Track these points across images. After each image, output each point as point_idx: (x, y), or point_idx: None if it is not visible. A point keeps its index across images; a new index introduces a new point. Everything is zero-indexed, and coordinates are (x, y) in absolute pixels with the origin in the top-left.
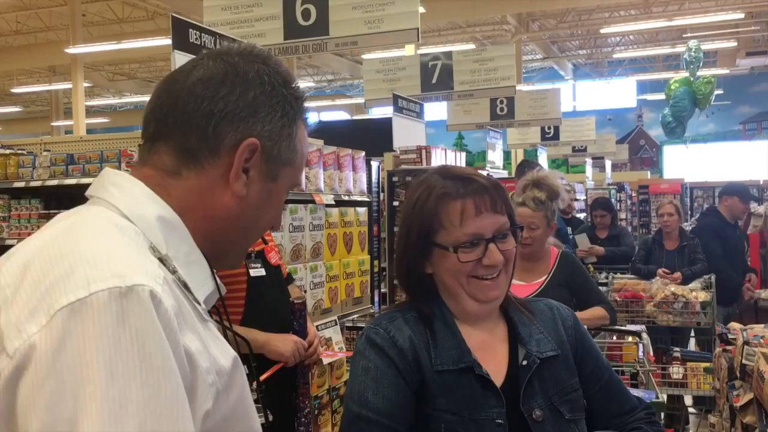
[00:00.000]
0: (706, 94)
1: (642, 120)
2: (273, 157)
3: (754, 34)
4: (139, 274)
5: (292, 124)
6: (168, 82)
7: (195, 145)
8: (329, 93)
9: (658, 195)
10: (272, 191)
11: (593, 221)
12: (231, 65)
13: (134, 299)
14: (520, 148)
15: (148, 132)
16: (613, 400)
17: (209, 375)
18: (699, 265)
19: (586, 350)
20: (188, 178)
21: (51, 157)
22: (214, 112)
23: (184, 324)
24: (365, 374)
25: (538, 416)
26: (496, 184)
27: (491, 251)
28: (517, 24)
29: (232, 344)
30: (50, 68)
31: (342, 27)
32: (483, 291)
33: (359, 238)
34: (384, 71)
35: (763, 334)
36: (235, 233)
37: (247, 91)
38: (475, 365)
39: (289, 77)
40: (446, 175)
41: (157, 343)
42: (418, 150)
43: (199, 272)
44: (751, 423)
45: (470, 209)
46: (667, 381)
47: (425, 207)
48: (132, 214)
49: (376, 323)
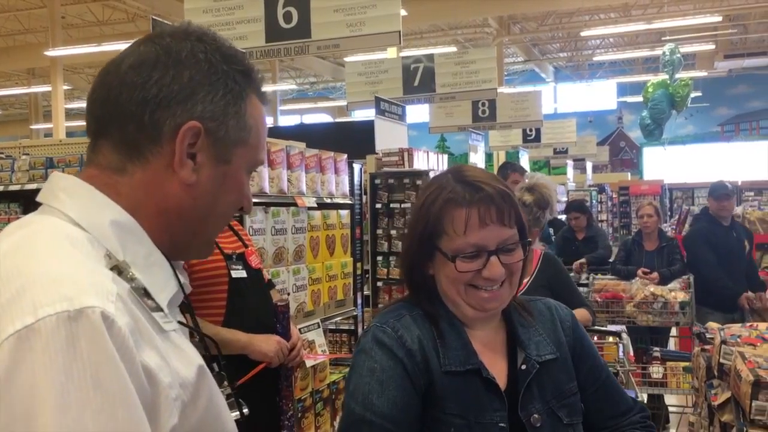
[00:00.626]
0: (683, 96)
1: (622, 122)
2: (220, 139)
3: (732, 36)
4: (88, 295)
5: (238, 100)
6: (101, 75)
7: (134, 137)
8: (312, 95)
9: (638, 196)
10: (227, 174)
11: (569, 223)
12: (162, 47)
13: (84, 323)
14: (502, 150)
15: (90, 132)
16: (609, 401)
17: (172, 389)
18: (677, 266)
19: (584, 350)
20: (134, 173)
21: (30, 160)
22: (148, 98)
23: (141, 340)
24: (371, 375)
25: (536, 420)
26: (506, 194)
27: (492, 264)
28: (499, 27)
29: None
30: (29, 71)
31: (324, 30)
32: (480, 302)
33: (342, 241)
34: (366, 74)
35: (740, 334)
36: (194, 223)
37: (181, 72)
38: (482, 368)
39: (229, 52)
40: (458, 178)
41: (110, 367)
42: (400, 152)
43: (160, 274)
44: (728, 421)
45: (474, 219)
46: (648, 380)
47: (431, 209)
48: (84, 221)
49: (383, 321)
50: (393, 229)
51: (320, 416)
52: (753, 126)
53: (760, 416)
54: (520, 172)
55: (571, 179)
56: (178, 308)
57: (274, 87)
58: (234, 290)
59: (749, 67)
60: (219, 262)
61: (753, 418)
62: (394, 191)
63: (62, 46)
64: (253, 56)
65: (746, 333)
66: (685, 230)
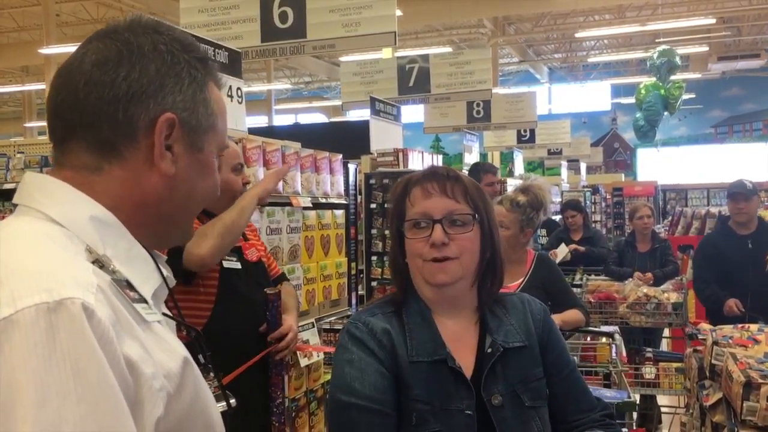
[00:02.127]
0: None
1: (616, 123)
2: (193, 127)
3: (726, 39)
4: (68, 287)
5: (203, 87)
6: (62, 76)
7: (109, 136)
8: (306, 95)
9: (632, 197)
10: (201, 161)
11: (565, 222)
12: (123, 42)
13: (64, 314)
14: (497, 151)
15: (57, 135)
16: (572, 396)
17: (155, 380)
18: (670, 267)
19: (551, 342)
20: (111, 171)
21: (25, 159)
22: (120, 96)
23: (122, 332)
24: (350, 365)
25: (498, 402)
26: (456, 175)
27: (435, 230)
28: (494, 27)
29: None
30: (23, 68)
31: (319, 30)
32: (431, 273)
33: (336, 241)
34: (361, 74)
35: (732, 335)
36: (173, 213)
37: (147, 65)
38: (448, 358)
39: (186, 40)
40: (423, 170)
41: (91, 358)
42: (395, 152)
43: (142, 267)
44: (720, 422)
45: (432, 188)
46: (640, 381)
47: (395, 195)
48: (62, 218)
49: (356, 318)
50: (387, 230)
51: (314, 416)
52: (746, 128)
53: (751, 417)
54: (492, 172)
55: (565, 180)
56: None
57: (268, 86)
58: (225, 280)
59: (742, 69)
60: None
61: (744, 418)
62: (388, 191)
63: (56, 44)
64: (248, 56)
65: (738, 334)
66: (678, 232)
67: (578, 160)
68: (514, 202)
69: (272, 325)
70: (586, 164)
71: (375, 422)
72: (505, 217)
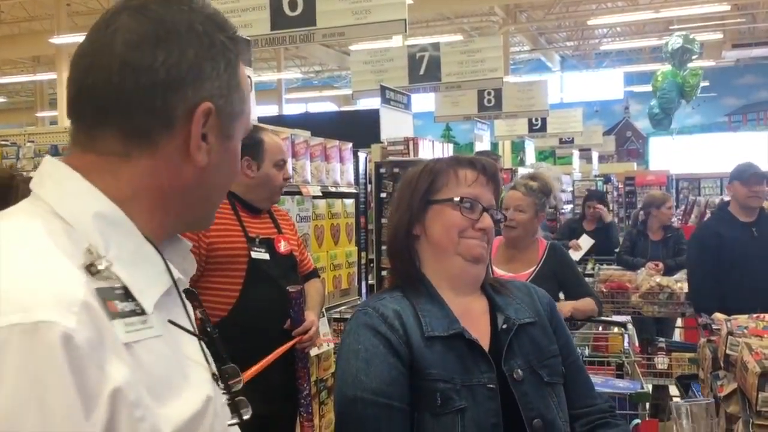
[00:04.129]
0: (693, 86)
1: (629, 112)
2: (227, 115)
3: (740, 26)
4: (46, 307)
5: (236, 70)
6: (90, 55)
7: (144, 124)
8: (317, 84)
9: (644, 186)
10: (230, 149)
11: (585, 212)
12: (157, 21)
13: (38, 339)
14: (508, 140)
15: (86, 119)
16: (577, 384)
17: (137, 409)
18: (683, 256)
19: (558, 329)
20: (140, 158)
21: (35, 147)
22: (157, 83)
23: (107, 352)
24: (355, 357)
25: (519, 376)
26: (496, 170)
27: (485, 217)
28: (505, 15)
29: None
30: (34, 58)
31: (329, 18)
32: (471, 249)
33: (346, 230)
34: (371, 62)
35: (746, 325)
36: (197, 202)
37: (185, 50)
38: (464, 331)
39: (219, 17)
40: (454, 157)
41: (61, 392)
42: (406, 141)
43: (149, 269)
44: (734, 413)
45: (482, 177)
46: (652, 371)
47: (431, 172)
48: (66, 212)
49: (365, 304)
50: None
51: (324, 405)
52: (760, 116)
53: (766, 408)
54: (495, 160)
55: (576, 169)
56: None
57: (278, 75)
58: (252, 270)
59: (757, 57)
60: (240, 244)
61: (759, 409)
62: (399, 180)
63: (67, 34)
64: (258, 44)
65: (753, 324)
66: (691, 221)
67: (590, 149)
68: (529, 187)
69: (296, 322)
70: (598, 153)
71: (382, 416)
72: (522, 200)
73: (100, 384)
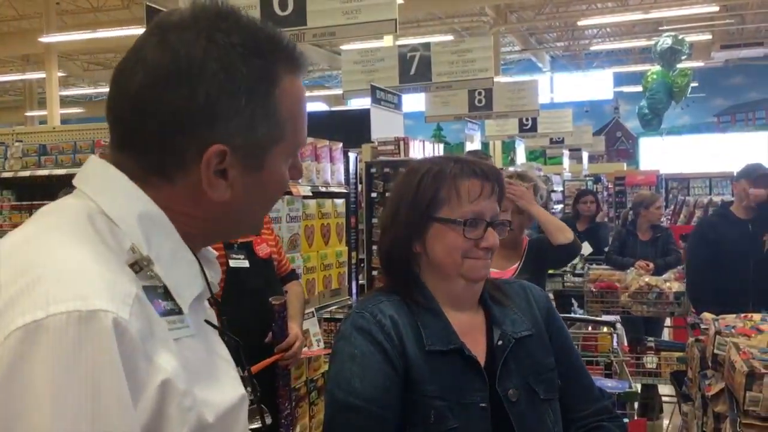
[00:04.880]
0: (682, 86)
1: (618, 112)
2: (251, 148)
3: (729, 27)
4: (103, 297)
5: (267, 98)
6: (117, 85)
7: (157, 161)
8: (307, 84)
9: (634, 186)
10: (262, 179)
11: (579, 210)
12: (174, 52)
13: (94, 326)
14: (499, 140)
15: (114, 137)
16: (578, 386)
17: (186, 398)
18: (672, 256)
19: (555, 330)
20: (161, 187)
21: (23, 147)
22: (166, 123)
23: (157, 344)
24: (351, 361)
25: (513, 395)
26: (500, 173)
27: (490, 234)
28: (495, 15)
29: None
30: (24, 57)
31: (319, 17)
32: (475, 270)
33: (337, 230)
34: (362, 62)
35: (734, 324)
36: (228, 228)
37: (195, 90)
38: (463, 347)
39: (248, 45)
40: (455, 159)
41: (113, 379)
42: (396, 141)
43: (186, 271)
44: (722, 412)
45: (487, 189)
46: (641, 370)
47: (432, 182)
48: (112, 211)
49: (362, 307)
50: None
51: (314, 405)
52: (749, 117)
53: (753, 407)
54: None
55: (567, 169)
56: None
57: None
58: (232, 280)
59: (746, 58)
60: (217, 251)
61: (747, 408)
62: (389, 180)
63: (57, 33)
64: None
65: (741, 324)
66: (680, 221)
67: (580, 149)
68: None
69: (278, 336)
70: (588, 153)
71: (373, 426)
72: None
73: (149, 374)
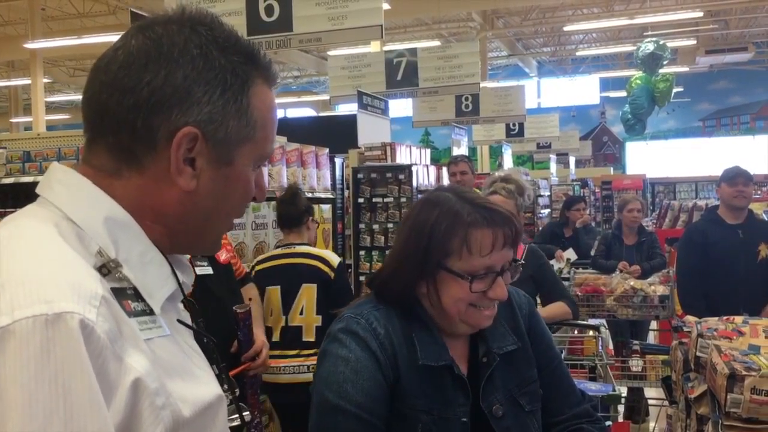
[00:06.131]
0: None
1: (605, 117)
2: (220, 141)
3: (714, 32)
4: (69, 299)
5: (240, 95)
6: (95, 71)
7: (129, 143)
8: (295, 89)
9: (621, 191)
10: (230, 176)
11: (570, 217)
12: (154, 41)
13: (61, 328)
14: (486, 145)
15: (85, 132)
16: (559, 391)
17: (158, 397)
18: (657, 260)
19: (538, 335)
20: (130, 177)
21: (7, 154)
22: (140, 103)
23: (126, 344)
24: (345, 364)
25: (498, 410)
26: (514, 216)
27: (499, 285)
28: (482, 21)
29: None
30: (8, 63)
31: (305, 23)
32: (479, 320)
33: (323, 235)
34: (349, 68)
35: (716, 327)
36: (196, 225)
37: (173, 72)
38: (453, 365)
39: (228, 42)
40: (468, 200)
41: (83, 379)
42: (383, 146)
43: (156, 272)
44: (705, 414)
45: (500, 241)
46: (627, 374)
47: (446, 230)
48: (77, 216)
49: (357, 312)
50: (376, 224)
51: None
52: (734, 121)
53: (735, 409)
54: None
55: (554, 174)
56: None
57: None
58: (200, 287)
59: (730, 63)
60: None
61: (728, 410)
62: (376, 185)
63: (42, 39)
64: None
65: (723, 326)
66: (665, 225)
67: (567, 154)
68: (507, 190)
69: (245, 345)
70: (575, 158)
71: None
72: (506, 203)
73: (119, 374)
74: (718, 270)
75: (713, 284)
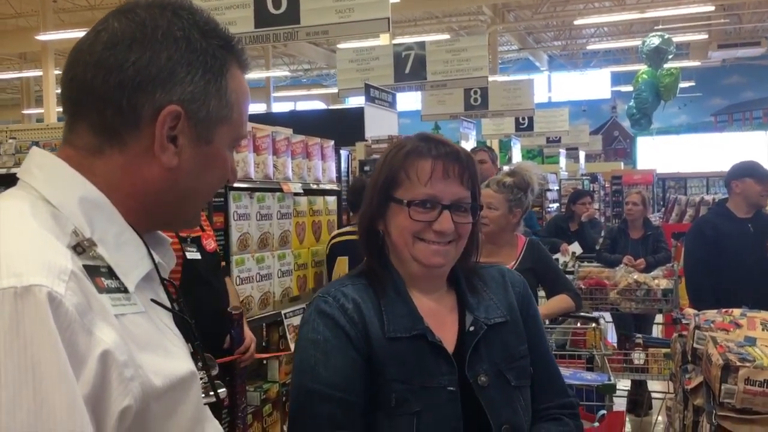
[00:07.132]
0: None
1: (616, 111)
2: (202, 119)
3: (726, 26)
4: (39, 273)
5: (219, 77)
6: (74, 52)
7: (112, 121)
8: (306, 82)
9: (630, 185)
10: (209, 154)
11: (576, 211)
12: (138, 24)
13: (29, 300)
14: (495, 139)
15: (66, 113)
16: (545, 378)
17: (127, 368)
18: (662, 254)
19: (530, 318)
20: (112, 155)
21: (16, 144)
22: (125, 82)
23: (96, 318)
24: (315, 347)
25: (483, 382)
26: (468, 155)
27: (444, 218)
28: (493, 15)
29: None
30: (21, 55)
31: (313, 16)
32: (426, 255)
33: (328, 227)
34: (357, 61)
35: (714, 319)
36: (175, 203)
37: (158, 52)
38: (427, 332)
39: (208, 26)
40: (422, 137)
41: (51, 350)
42: (390, 139)
43: (132, 253)
44: (701, 405)
45: (439, 171)
46: (630, 366)
47: (394, 160)
48: (53, 197)
49: (326, 292)
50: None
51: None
52: (746, 116)
53: (729, 399)
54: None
55: (563, 168)
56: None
57: (267, 73)
58: (188, 271)
59: (743, 57)
60: (174, 245)
61: (722, 401)
62: None
63: (54, 31)
64: (242, 42)
65: (720, 318)
66: (672, 219)
67: (577, 149)
68: (501, 183)
69: (237, 342)
70: (585, 152)
71: (337, 412)
72: (493, 198)
73: (89, 346)
74: (727, 263)
75: (722, 278)
